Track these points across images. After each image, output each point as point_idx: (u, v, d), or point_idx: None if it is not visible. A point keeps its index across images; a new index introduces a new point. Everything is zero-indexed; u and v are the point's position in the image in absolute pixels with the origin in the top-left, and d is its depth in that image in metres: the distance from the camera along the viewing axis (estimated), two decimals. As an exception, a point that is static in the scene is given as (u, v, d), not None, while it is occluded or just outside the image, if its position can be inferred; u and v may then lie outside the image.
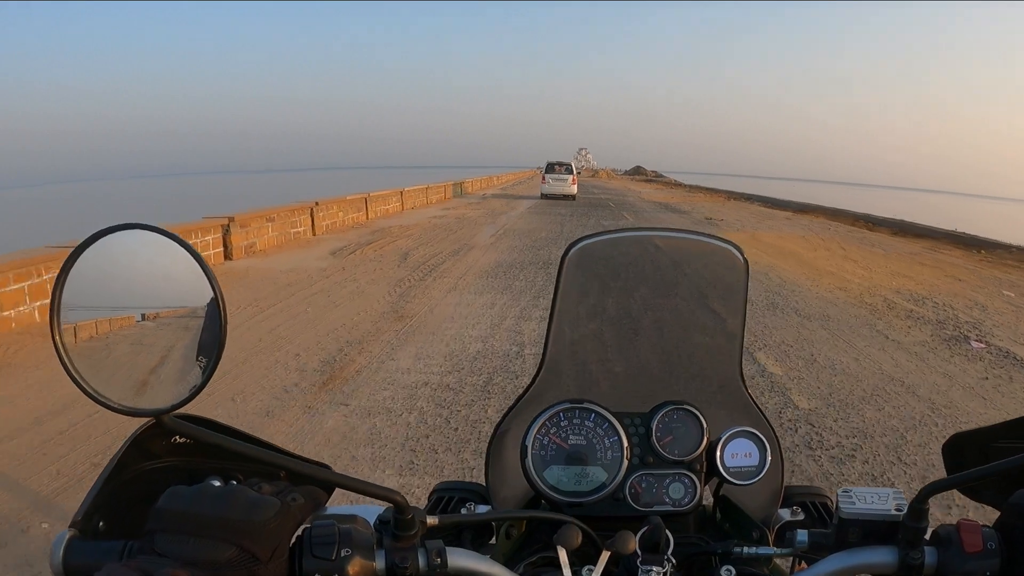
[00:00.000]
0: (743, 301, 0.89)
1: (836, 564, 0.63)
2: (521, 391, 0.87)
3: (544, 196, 25.93)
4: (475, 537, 0.82)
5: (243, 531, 0.51)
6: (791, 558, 0.76)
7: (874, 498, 0.65)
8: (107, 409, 0.51)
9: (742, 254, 0.89)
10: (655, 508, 0.79)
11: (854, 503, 0.65)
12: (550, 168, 26.41)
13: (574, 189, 25.73)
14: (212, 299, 0.54)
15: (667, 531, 0.66)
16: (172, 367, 0.56)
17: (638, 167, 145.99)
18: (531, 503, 0.84)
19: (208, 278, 0.53)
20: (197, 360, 0.54)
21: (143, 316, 0.59)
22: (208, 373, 0.53)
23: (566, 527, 0.63)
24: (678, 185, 57.27)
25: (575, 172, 26.69)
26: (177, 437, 0.63)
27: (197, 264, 0.53)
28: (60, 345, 0.50)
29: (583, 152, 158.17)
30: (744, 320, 0.89)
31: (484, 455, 0.87)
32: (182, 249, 0.53)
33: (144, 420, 0.57)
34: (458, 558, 0.61)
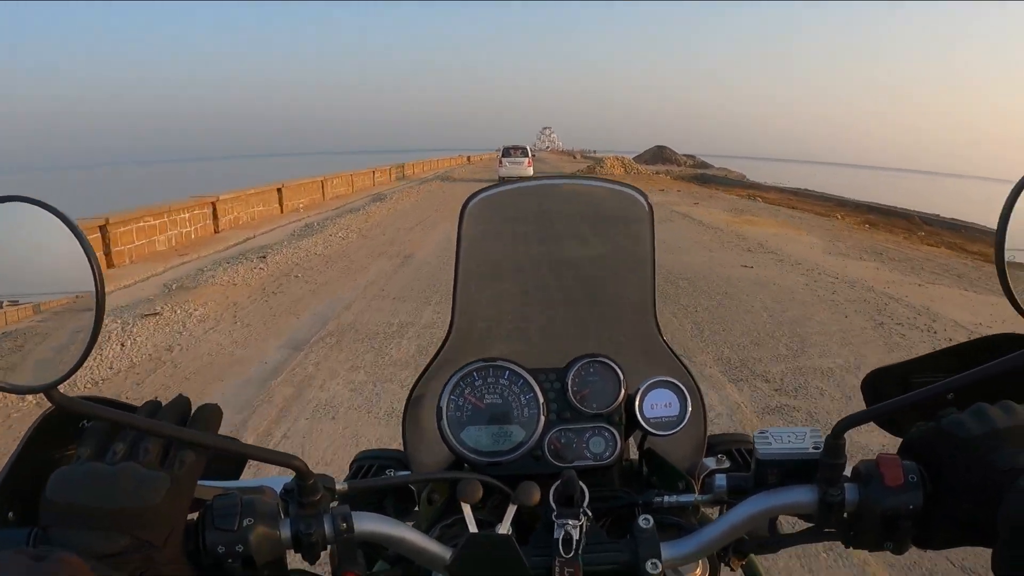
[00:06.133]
0: (651, 248, 0.94)
1: (754, 506, 0.69)
2: (432, 354, 0.93)
3: (502, 179, 27.05)
4: (398, 504, 0.89)
5: (134, 520, 0.57)
6: (719, 505, 0.78)
7: (791, 437, 0.70)
8: None
9: (646, 200, 0.94)
10: (575, 463, 0.84)
11: (770, 444, 0.70)
12: (506, 152, 31.27)
13: (530, 171, 29.92)
14: (91, 271, 0.59)
15: (581, 484, 0.73)
16: (57, 344, 0.61)
17: (660, 147, 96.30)
18: (452, 466, 0.90)
19: (86, 252, 0.58)
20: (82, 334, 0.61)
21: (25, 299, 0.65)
22: (88, 348, 0.59)
23: (465, 482, 0.71)
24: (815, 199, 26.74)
25: (531, 155, 32.06)
26: (84, 422, 0.67)
27: (74, 236, 0.58)
28: None
29: (547, 131, 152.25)
30: (654, 268, 0.94)
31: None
32: (57, 221, 0.59)
33: (47, 407, 0.64)
34: (365, 523, 0.66)
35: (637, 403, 0.85)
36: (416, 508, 0.88)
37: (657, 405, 0.85)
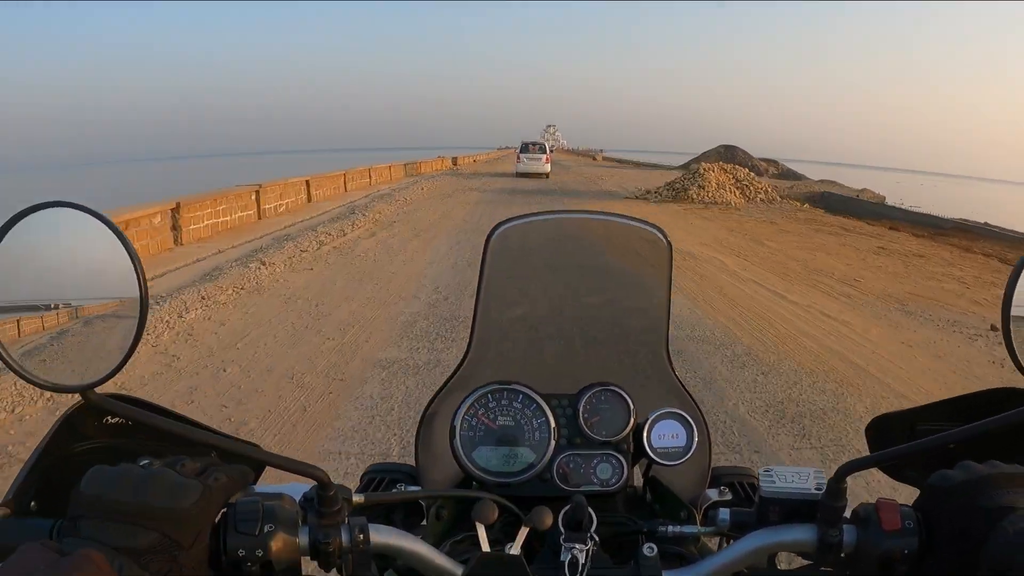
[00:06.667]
0: (668, 283, 0.99)
1: (755, 542, 0.72)
2: (449, 374, 0.97)
3: (519, 174, 30.69)
4: (406, 518, 0.91)
5: (165, 518, 0.57)
6: (719, 537, 0.85)
7: (795, 477, 0.72)
8: (30, 384, 0.56)
9: (665, 237, 0.99)
10: (583, 488, 0.88)
11: (774, 482, 0.72)
12: (524, 148, 31.89)
13: (547, 167, 30.82)
14: (136, 277, 0.60)
15: (590, 509, 0.75)
16: (98, 346, 0.62)
17: (728, 147, 59.20)
18: (461, 484, 0.93)
19: (130, 256, 0.59)
20: (124, 337, 0.61)
21: (69, 304, 0.65)
22: (129, 351, 0.60)
23: (481, 502, 0.73)
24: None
25: (548, 151, 32.77)
26: (109, 418, 0.71)
27: (119, 242, 0.59)
28: None
29: (551, 129, 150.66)
30: (669, 302, 0.99)
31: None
32: (102, 226, 0.59)
33: (74, 400, 0.64)
34: (381, 535, 0.68)
35: (645, 433, 0.88)
36: (423, 522, 0.89)
37: (665, 436, 0.88)
